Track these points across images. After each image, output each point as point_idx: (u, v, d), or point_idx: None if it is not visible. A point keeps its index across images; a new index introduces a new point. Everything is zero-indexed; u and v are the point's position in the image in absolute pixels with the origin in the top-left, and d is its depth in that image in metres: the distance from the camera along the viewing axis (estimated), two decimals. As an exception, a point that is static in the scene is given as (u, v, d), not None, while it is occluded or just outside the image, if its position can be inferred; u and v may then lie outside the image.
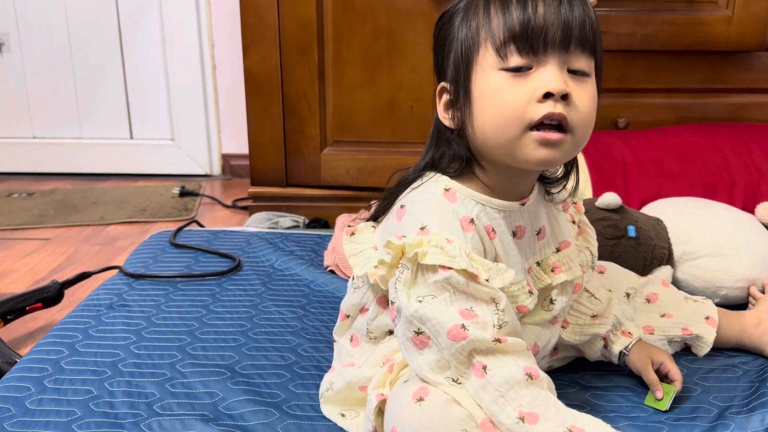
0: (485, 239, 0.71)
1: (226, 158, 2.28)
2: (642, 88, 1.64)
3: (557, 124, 0.65)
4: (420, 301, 0.66)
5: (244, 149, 1.86)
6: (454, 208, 0.70)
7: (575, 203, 0.85)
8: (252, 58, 1.61)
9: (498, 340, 0.65)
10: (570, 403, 0.82)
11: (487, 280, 0.67)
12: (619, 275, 0.99)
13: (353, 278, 0.81)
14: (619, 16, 1.55)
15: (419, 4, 1.55)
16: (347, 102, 1.63)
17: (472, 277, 0.66)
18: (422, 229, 0.68)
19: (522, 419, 0.64)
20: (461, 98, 0.69)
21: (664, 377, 0.85)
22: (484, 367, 0.65)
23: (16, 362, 0.94)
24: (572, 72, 0.66)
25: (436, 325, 0.66)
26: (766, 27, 1.54)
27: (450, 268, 0.65)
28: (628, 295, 0.96)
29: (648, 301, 0.96)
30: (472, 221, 0.69)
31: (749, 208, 1.29)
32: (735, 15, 1.53)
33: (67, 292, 1.23)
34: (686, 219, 1.16)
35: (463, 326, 0.65)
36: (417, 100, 1.61)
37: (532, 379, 0.65)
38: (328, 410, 0.81)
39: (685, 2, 1.56)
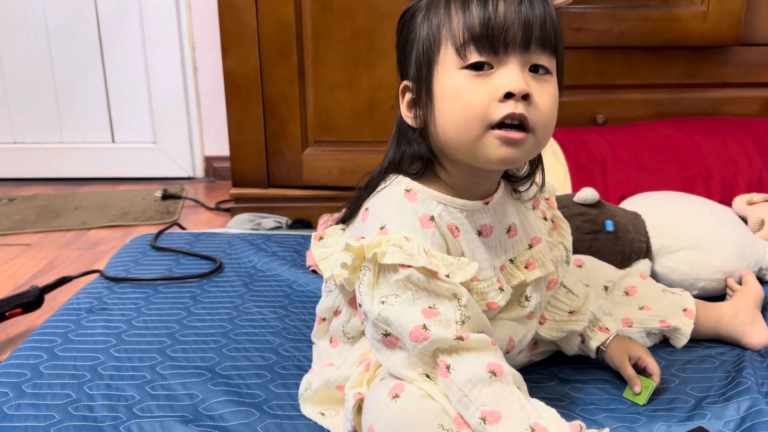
0: (448, 236, 0.71)
1: (208, 160, 2.28)
2: (619, 84, 1.65)
3: (518, 123, 0.65)
4: (383, 302, 0.67)
5: (227, 151, 1.86)
6: (413, 207, 0.70)
7: (547, 199, 0.85)
8: (231, 59, 1.61)
9: (461, 338, 0.65)
10: (549, 397, 0.83)
11: (448, 276, 0.67)
12: (597, 269, 0.99)
13: (326, 282, 0.81)
14: (595, 12, 1.57)
15: (398, 4, 1.55)
16: (327, 102, 1.64)
17: (432, 273, 0.66)
18: (382, 228, 0.68)
19: (484, 419, 0.64)
20: (423, 97, 0.69)
21: (642, 371, 0.85)
22: (448, 367, 0.66)
23: (-5, 368, 0.93)
24: (533, 70, 0.67)
25: (399, 327, 0.66)
26: (741, 22, 1.56)
27: (410, 266, 0.65)
28: (606, 288, 0.97)
29: (626, 293, 0.97)
30: (432, 218, 0.70)
31: (726, 201, 1.31)
32: (710, 11, 1.55)
33: (48, 297, 1.22)
34: (664, 213, 1.17)
35: (424, 326, 0.65)
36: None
37: (495, 375, 0.65)
38: (308, 410, 0.81)
39: (661, -2, 1.57)
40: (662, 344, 0.97)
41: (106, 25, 2.16)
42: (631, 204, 1.24)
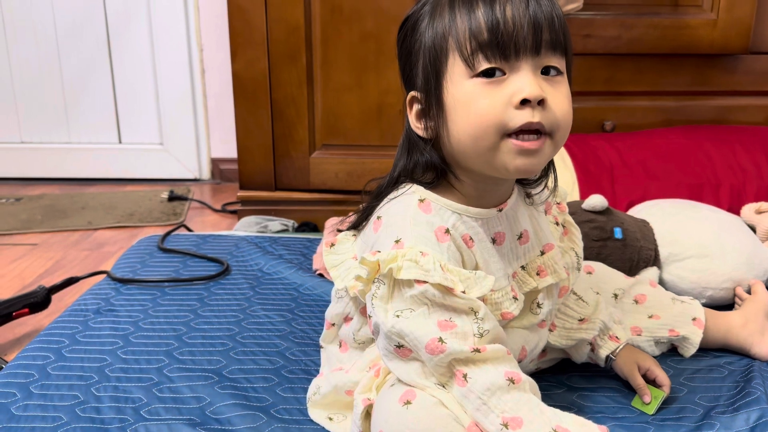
0: (462, 248, 0.70)
1: (215, 162, 2.28)
2: (628, 91, 1.65)
3: (535, 130, 0.65)
4: (398, 316, 0.66)
5: (234, 153, 1.87)
6: (428, 219, 0.69)
7: (558, 204, 0.85)
8: (240, 62, 1.61)
9: (477, 350, 0.65)
10: (557, 404, 0.82)
11: (464, 291, 0.66)
12: (607, 276, 0.99)
13: (337, 289, 0.81)
14: (605, 19, 1.56)
15: (406, 8, 1.54)
16: (335, 106, 1.64)
17: (448, 290, 0.65)
18: (397, 242, 0.67)
19: (506, 425, 0.63)
20: (434, 108, 0.68)
21: (651, 382, 0.85)
22: (465, 376, 0.65)
23: (2, 368, 0.94)
24: (545, 72, 0.66)
25: (414, 340, 0.65)
26: (750, 30, 1.55)
27: (425, 282, 0.65)
28: (615, 296, 0.96)
29: (636, 302, 0.97)
30: (447, 231, 0.69)
31: (735, 210, 1.30)
32: (719, 18, 1.55)
33: (55, 297, 1.22)
34: (672, 220, 1.17)
35: (440, 339, 0.64)
36: (405, 103, 1.61)
37: (514, 383, 0.65)
38: (316, 414, 0.81)
39: (670, 6, 1.57)
40: (670, 353, 0.97)
41: (114, 25, 2.16)
42: (639, 211, 1.24)
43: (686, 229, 1.14)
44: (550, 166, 0.77)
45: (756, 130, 1.54)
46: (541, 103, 0.64)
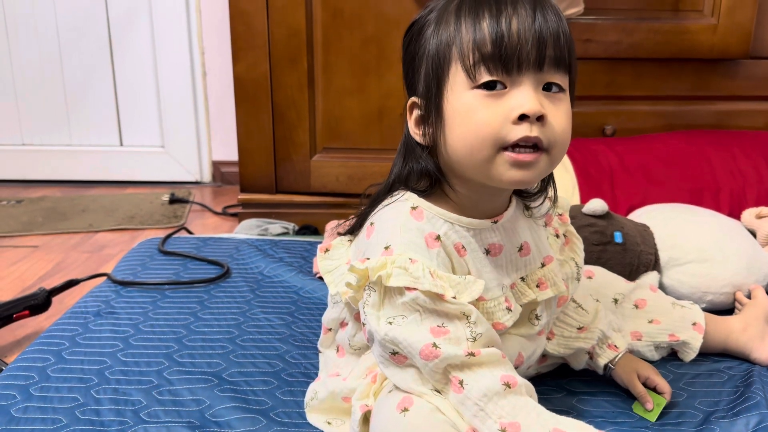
0: (453, 255, 0.70)
1: (216, 165, 2.28)
2: (628, 96, 1.65)
3: (532, 144, 0.64)
4: (390, 323, 0.66)
5: (235, 156, 1.86)
6: (419, 226, 0.69)
7: (560, 215, 0.84)
8: (241, 65, 1.61)
9: (472, 354, 0.65)
10: (557, 409, 0.83)
11: (455, 297, 0.66)
12: (607, 281, 0.99)
13: (332, 294, 0.81)
14: (605, 23, 1.57)
15: (407, 12, 1.56)
16: (336, 109, 1.64)
17: (438, 296, 0.65)
18: (386, 248, 0.67)
19: (504, 431, 0.63)
20: (433, 115, 0.68)
21: (651, 390, 0.85)
22: (461, 382, 0.65)
23: (2, 370, 0.94)
24: (546, 88, 0.65)
25: (408, 346, 0.65)
26: (750, 35, 1.56)
27: (415, 289, 0.65)
28: (615, 300, 0.96)
29: (636, 306, 0.97)
30: (438, 238, 0.69)
31: (735, 214, 1.30)
32: (719, 23, 1.55)
33: (55, 299, 1.22)
34: (672, 225, 1.17)
35: (434, 345, 0.64)
36: (406, 107, 1.61)
37: (510, 387, 0.65)
38: (314, 418, 0.81)
39: (671, 11, 1.57)
40: (670, 357, 0.97)
41: (116, 27, 2.17)
42: (639, 216, 1.24)
43: (686, 234, 1.14)
44: (549, 179, 0.77)
45: (756, 135, 1.55)
46: (540, 119, 0.63)
